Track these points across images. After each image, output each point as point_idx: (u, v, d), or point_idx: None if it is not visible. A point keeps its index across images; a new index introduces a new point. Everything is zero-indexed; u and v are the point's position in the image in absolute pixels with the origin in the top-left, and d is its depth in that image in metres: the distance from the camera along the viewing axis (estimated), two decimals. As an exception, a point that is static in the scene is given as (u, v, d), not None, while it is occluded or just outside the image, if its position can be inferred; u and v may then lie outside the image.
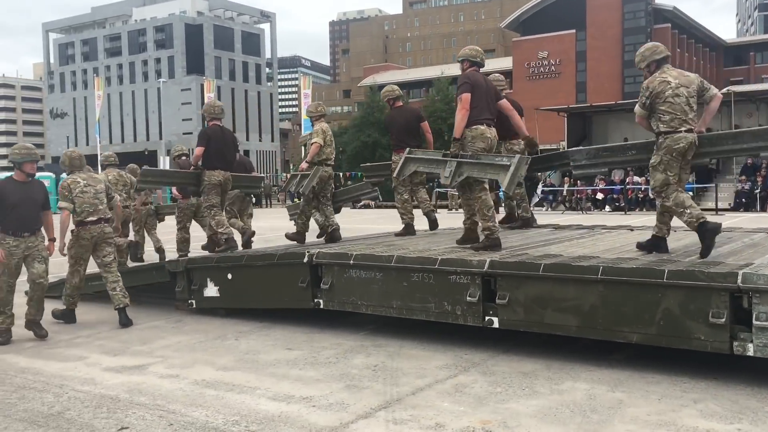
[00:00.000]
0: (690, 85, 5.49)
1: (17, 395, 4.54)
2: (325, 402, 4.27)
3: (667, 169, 5.46)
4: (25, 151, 6.19)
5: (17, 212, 6.05)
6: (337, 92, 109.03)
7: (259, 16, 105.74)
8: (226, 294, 6.99)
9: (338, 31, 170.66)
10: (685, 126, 5.42)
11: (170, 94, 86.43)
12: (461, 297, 5.39)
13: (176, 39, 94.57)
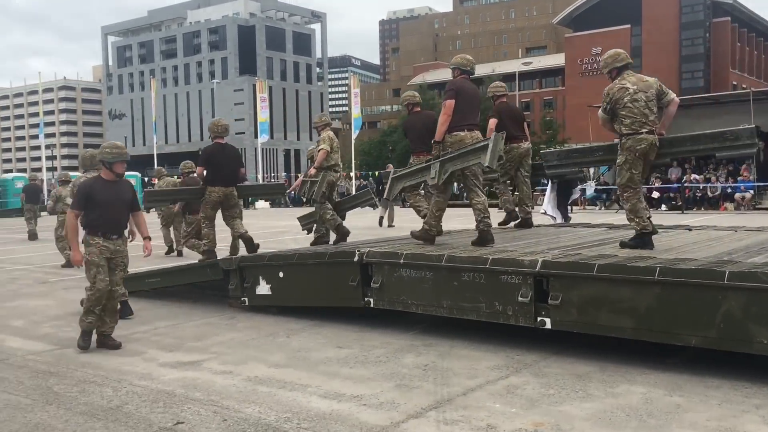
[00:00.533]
0: (648, 90, 5.94)
1: (78, 389, 4.68)
2: (376, 401, 4.28)
3: (632, 167, 5.92)
4: (117, 151, 5.87)
5: (106, 213, 5.80)
6: (386, 91, 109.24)
7: (310, 17, 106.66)
8: (278, 292, 7.06)
9: (388, 29, 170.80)
10: (645, 128, 5.85)
11: (223, 95, 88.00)
12: (512, 297, 5.33)
13: (229, 40, 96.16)
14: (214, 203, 8.70)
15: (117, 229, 5.91)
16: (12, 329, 6.73)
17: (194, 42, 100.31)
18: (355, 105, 35.18)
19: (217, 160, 8.55)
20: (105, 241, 5.76)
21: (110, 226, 5.83)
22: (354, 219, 23.93)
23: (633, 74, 6.06)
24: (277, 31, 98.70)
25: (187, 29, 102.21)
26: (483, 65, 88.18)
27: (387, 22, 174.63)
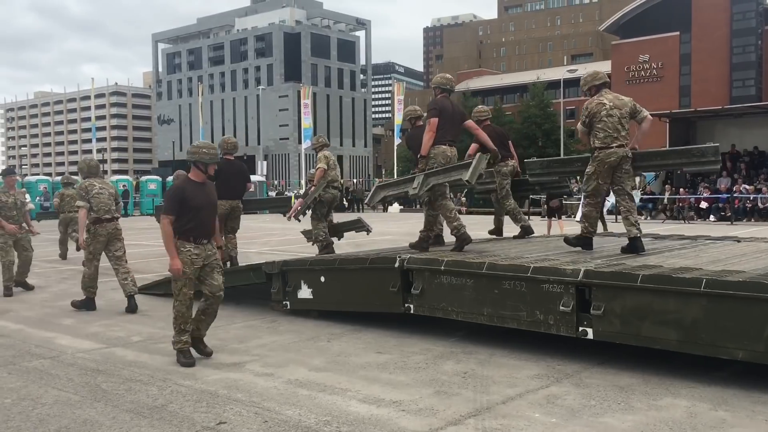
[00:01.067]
0: (623, 108, 6.39)
1: (124, 387, 4.81)
2: (415, 407, 4.29)
3: (599, 178, 6.44)
4: (213, 152, 5.57)
5: (199, 217, 5.46)
6: (430, 98, 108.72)
7: (354, 24, 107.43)
8: (319, 296, 7.13)
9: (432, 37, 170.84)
10: (616, 142, 6.32)
11: (269, 101, 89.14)
12: (554, 306, 5.29)
13: (275, 47, 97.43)
14: (220, 215, 8.93)
15: (208, 234, 5.60)
16: (62, 328, 6.94)
17: (241, 49, 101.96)
18: (399, 112, 35.26)
19: (225, 175, 8.88)
20: (196, 248, 5.45)
21: (202, 231, 5.51)
22: (395, 225, 23.99)
23: (610, 92, 6.56)
24: (322, 38, 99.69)
25: (234, 36, 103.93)
26: (527, 72, 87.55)
27: (431, 29, 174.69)
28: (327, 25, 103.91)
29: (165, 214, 5.39)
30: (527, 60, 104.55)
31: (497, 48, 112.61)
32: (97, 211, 7.70)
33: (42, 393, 4.68)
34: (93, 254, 7.80)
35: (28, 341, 6.32)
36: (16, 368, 5.36)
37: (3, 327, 7.01)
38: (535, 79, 69.56)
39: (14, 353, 5.86)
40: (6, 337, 6.53)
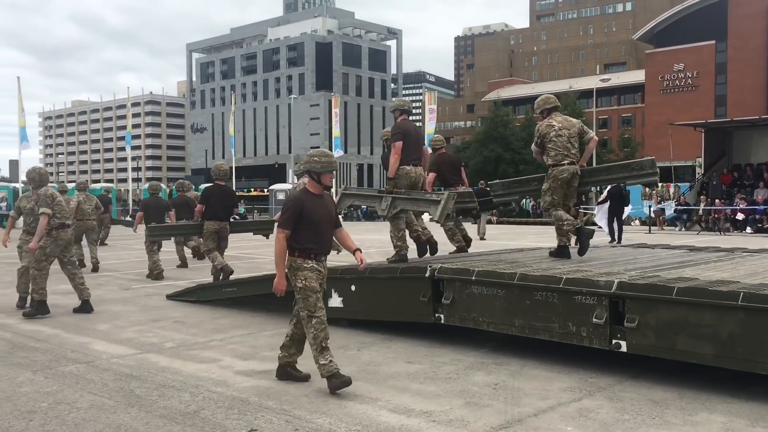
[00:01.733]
0: (571, 128, 7.04)
1: (158, 393, 4.86)
2: (445, 418, 4.27)
3: (553, 193, 7.02)
4: (326, 159, 5.06)
5: (318, 231, 5.01)
6: (460, 107, 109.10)
7: (386, 34, 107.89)
8: (350, 305, 7.14)
9: (463, 46, 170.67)
10: (567, 159, 6.93)
11: (300, 110, 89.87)
12: (587, 318, 5.23)
13: (307, 57, 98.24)
14: (212, 234, 9.86)
15: (328, 250, 5.17)
16: (98, 333, 7.06)
17: (273, 58, 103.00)
18: (431, 121, 35.24)
19: (214, 199, 9.80)
20: (318, 264, 5.01)
21: (322, 247, 5.06)
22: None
23: (560, 115, 7.19)
24: (353, 48, 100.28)
25: (266, 46, 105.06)
26: (559, 82, 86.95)
27: (462, 39, 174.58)
28: (358, 35, 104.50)
29: (281, 228, 4.94)
30: (559, 69, 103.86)
31: (529, 57, 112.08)
32: (59, 218, 8.14)
33: (77, 397, 4.76)
34: (47, 257, 8.12)
35: (64, 346, 6.43)
36: (52, 372, 5.46)
37: (39, 332, 7.15)
38: (567, 88, 69.02)
39: (50, 358, 5.97)
40: (42, 341, 6.66)
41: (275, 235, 5.01)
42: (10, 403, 4.64)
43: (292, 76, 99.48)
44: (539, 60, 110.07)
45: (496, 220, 31.70)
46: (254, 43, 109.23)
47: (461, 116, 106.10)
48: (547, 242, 8.73)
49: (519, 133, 65.60)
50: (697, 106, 55.21)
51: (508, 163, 62.69)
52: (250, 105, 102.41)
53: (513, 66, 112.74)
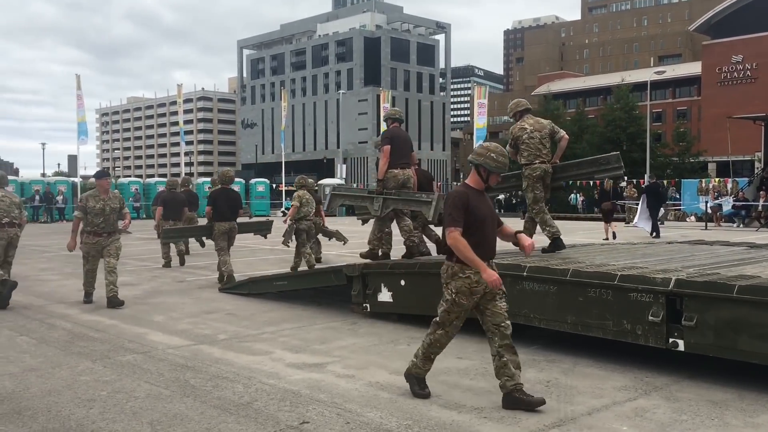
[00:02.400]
0: (542, 130, 7.48)
1: (212, 383, 4.95)
2: (497, 414, 4.24)
3: (534, 189, 7.46)
4: (502, 160, 4.52)
5: (484, 230, 4.47)
6: (509, 101, 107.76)
7: (434, 28, 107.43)
8: (399, 300, 7.15)
9: (513, 39, 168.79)
10: (538, 159, 7.39)
11: (348, 105, 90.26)
12: (642, 316, 5.12)
13: (355, 52, 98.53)
14: (222, 234, 10.23)
15: (494, 252, 4.61)
16: (154, 324, 7.23)
17: (322, 54, 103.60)
18: (480, 116, 34.92)
19: (220, 202, 10.37)
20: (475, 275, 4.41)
21: (489, 248, 4.51)
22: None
23: (531, 117, 7.64)
24: (401, 43, 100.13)
25: (316, 42, 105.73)
26: (611, 74, 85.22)
27: (512, 32, 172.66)
28: (407, 30, 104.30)
29: (452, 226, 4.37)
30: (611, 62, 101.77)
31: (580, 50, 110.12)
32: (1, 218, 8.36)
33: (135, 387, 4.88)
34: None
35: (122, 336, 6.61)
36: (111, 362, 5.61)
37: (98, 322, 7.36)
38: (619, 81, 67.57)
39: (109, 347, 6.14)
40: (101, 332, 6.85)
41: (448, 237, 4.37)
42: (71, 391, 4.79)
43: (341, 72, 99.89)
44: (591, 53, 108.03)
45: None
46: (303, 38, 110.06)
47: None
48: (598, 238, 8.55)
49: (570, 127, 64.50)
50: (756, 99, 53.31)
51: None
52: (299, 100, 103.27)
53: (563, 59, 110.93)
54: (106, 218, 8.38)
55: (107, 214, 8.37)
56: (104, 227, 8.36)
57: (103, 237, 8.37)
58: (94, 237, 8.32)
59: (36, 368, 5.42)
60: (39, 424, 4.11)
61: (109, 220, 8.41)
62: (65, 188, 34.35)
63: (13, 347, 6.18)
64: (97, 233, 8.31)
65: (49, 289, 9.92)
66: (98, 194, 8.41)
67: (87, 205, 8.29)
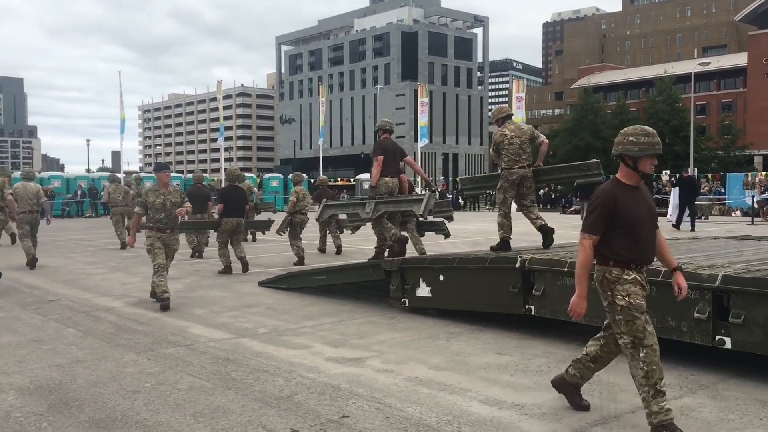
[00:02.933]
0: (523, 135, 7.73)
1: (253, 377, 5.00)
2: (538, 411, 4.20)
3: (505, 192, 7.79)
4: (646, 140, 3.78)
5: (637, 234, 3.82)
6: (548, 94, 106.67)
7: (472, 21, 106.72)
8: (438, 295, 7.13)
9: (552, 32, 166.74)
10: (518, 164, 7.66)
11: (385, 100, 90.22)
12: (687, 313, 5.01)
13: (393, 47, 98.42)
14: (228, 230, 11.11)
15: (652, 257, 3.95)
16: (195, 317, 7.33)
17: (360, 49, 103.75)
18: (519, 109, 34.59)
19: (230, 199, 11.19)
20: (641, 276, 3.87)
21: (645, 254, 3.87)
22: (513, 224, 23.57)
23: (512, 123, 7.92)
24: (439, 37, 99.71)
25: (353, 37, 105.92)
26: (653, 66, 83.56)
27: (551, 24, 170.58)
28: (444, 23, 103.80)
29: (585, 231, 3.86)
30: (654, 53, 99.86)
31: (621, 42, 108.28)
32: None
33: (178, 379, 4.96)
34: None
35: (165, 329, 6.72)
36: (154, 354, 5.71)
37: (141, 315, 7.50)
38: (662, 73, 66.21)
39: (152, 340, 6.25)
40: (145, 324, 6.98)
41: (579, 241, 3.90)
42: (117, 382, 4.89)
43: (378, 66, 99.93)
44: (632, 44, 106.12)
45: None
46: (341, 34, 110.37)
47: (549, 104, 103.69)
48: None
49: (611, 120, 63.56)
50: (805, 90, 51.84)
51: (599, 151, 60.77)
52: (337, 96, 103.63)
53: (604, 51, 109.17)
54: (168, 213, 8.06)
55: (168, 209, 8.04)
56: (166, 223, 8.08)
57: (167, 234, 8.09)
58: (157, 232, 8.07)
59: (82, 360, 5.55)
60: (86, 415, 4.20)
61: (170, 216, 8.09)
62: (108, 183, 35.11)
63: (61, 339, 6.33)
64: (160, 229, 8.04)
65: (94, 282, 10.14)
66: (158, 189, 8.10)
67: (147, 200, 8.01)
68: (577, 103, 70.93)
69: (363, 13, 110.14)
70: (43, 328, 6.87)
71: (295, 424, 4.00)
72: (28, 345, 6.10)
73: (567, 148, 62.66)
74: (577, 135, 61.92)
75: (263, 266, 11.70)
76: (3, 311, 7.82)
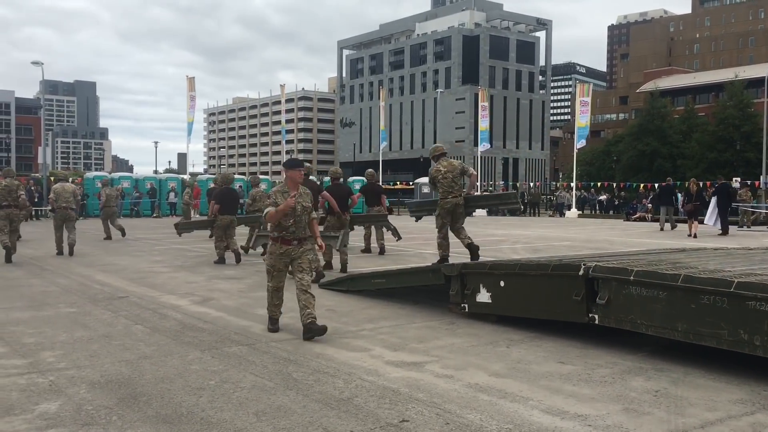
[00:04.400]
0: (453, 171, 9.57)
1: (313, 378, 5.05)
2: (602, 423, 4.10)
3: (443, 218, 9.67)
4: None
5: None
6: (613, 99, 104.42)
7: (535, 25, 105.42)
8: (498, 301, 7.06)
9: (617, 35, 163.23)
10: (450, 195, 9.56)
11: (445, 104, 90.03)
12: (761, 326, 4.81)
13: (453, 50, 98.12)
14: (224, 227, 12.89)
15: None
16: (257, 317, 7.46)
17: (420, 53, 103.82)
18: (583, 114, 33.93)
19: (226, 199, 13.06)
20: None
21: None
22: (574, 230, 23.21)
23: (446, 160, 9.75)
24: (500, 40, 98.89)
25: (414, 41, 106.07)
26: (724, 70, 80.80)
27: (616, 27, 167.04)
28: (506, 27, 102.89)
29: None
30: (724, 57, 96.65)
31: (690, 45, 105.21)
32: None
33: (241, 377, 5.05)
34: None
35: (228, 328, 6.86)
36: (218, 353, 5.83)
37: (206, 314, 7.68)
38: (733, 77, 63.96)
39: (216, 339, 6.38)
40: (209, 323, 7.14)
41: None
42: (182, 379, 5.02)
43: (439, 71, 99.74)
44: (701, 47, 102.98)
45: (650, 218, 30.05)
46: (402, 38, 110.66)
47: (613, 108, 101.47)
48: (706, 242, 8.11)
49: (678, 125, 61.78)
50: None
51: (665, 157, 59.20)
52: (397, 99, 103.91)
53: (671, 55, 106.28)
54: (298, 220, 6.51)
55: (299, 215, 6.52)
56: (294, 232, 6.52)
57: (293, 245, 6.53)
58: (282, 245, 6.53)
59: (150, 356, 5.72)
60: (153, 410, 4.32)
61: (300, 223, 6.55)
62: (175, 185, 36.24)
63: (129, 335, 6.54)
64: (286, 240, 6.51)
65: (161, 281, 10.44)
66: (287, 189, 6.61)
67: (276, 202, 6.53)
68: (642, 107, 69.22)
69: (425, 17, 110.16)
70: (113, 324, 7.10)
71: (355, 426, 4.02)
72: (98, 340, 6.32)
73: (632, 154, 61.20)
74: (642, 140, 60.40)
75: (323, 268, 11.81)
76: (75, 307, 8.13)
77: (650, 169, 58.41)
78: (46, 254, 14.52)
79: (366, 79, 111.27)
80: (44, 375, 5.15)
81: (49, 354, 5.80)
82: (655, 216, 26.10)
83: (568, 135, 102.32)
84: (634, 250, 8.94)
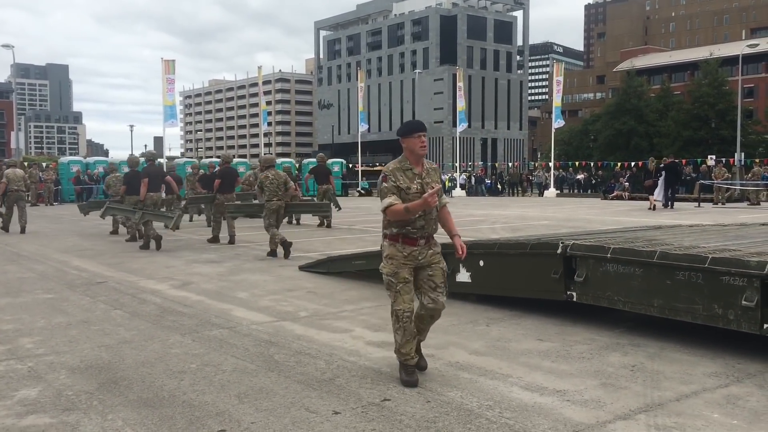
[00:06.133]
0: (279, 179, 11.34)
1: (295, 359, 5.07)
2: (580, 398, 4.17)
3: (269, 217, 11.29)
4: None
5: None
6: (590, 78, 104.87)
7: (512, 4, 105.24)
8: (478, 280, 7.11)
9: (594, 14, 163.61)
10: (275, 197, 11.29)
11: (424, 85, 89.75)
12: (735, 300, 4.91)
13: (431, 31, 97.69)
14: (219, 204, 13.85)
15: None
16: (238, 300, 7.45)
17: (398, 33, 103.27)
18: (558, 93, 34.09)
19: (227, 177, 14.09)
20: None
21: None
22: (552, 209, 23.42)
23: (273, 170, 11.57)
24: (478, 20, 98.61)
25: (391, 21, 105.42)
26: (699, 49, 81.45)
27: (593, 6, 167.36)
28: (484, 6, 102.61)
29: None
30: (699, 35, 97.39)
31: (666, 23, 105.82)
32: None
33: (222, 360, 5.05)
34: None
35: (209, 312, 6.85)
36: (199, 336, 5.83)
37: (186, 298, 7.65)
38: (708, 55, 64.50)
39: (197, 322, 6.37)
40: (189, 307, 7.12)
41: None
42: (163, 363, 5.01)
43: (417, 51, 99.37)
44: (677, 26, 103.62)
45: (628, 196, 30.38)
46: (379, 18, 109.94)
47: (590, 87, 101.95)
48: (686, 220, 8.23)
49: (654, 104, 62.26)
50: None
51: (641, 136, 59.74)
52: (375, 80, 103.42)
53: (648, 33, 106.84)
54: (428, 210, 4.41)
55: None
56: (423, 227, 4.47)
57: (419, 246, 4.48)
58: (405, 245, 4.46)
59: (130, 341, 5.69)
60: (134, 394, 4.31)
61: (431, 214, 4.49)
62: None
63: (108, 320, 6.50)
64: (411, 239, 4.45)
65: (139, 265, 10.37)
66: (410, 166, 4.53)
67: (398, 185, 4.43)
68: (619, 86, 69.62)
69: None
70: (92, 309, 7.06)
71: (337, 406, 4.04)
72: (77, 326, 6.28)
73: (609, 133, 61.67)
74: (619, 119, 60.86)
75: (302, 250, 11.80)
76: (53, 293, 8.06)
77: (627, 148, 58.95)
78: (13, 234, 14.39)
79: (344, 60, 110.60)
80: (23, 361, 5.11)
81: (28, 340, 5.76)
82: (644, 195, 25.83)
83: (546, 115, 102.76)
84: (611, 228, 9.03)
